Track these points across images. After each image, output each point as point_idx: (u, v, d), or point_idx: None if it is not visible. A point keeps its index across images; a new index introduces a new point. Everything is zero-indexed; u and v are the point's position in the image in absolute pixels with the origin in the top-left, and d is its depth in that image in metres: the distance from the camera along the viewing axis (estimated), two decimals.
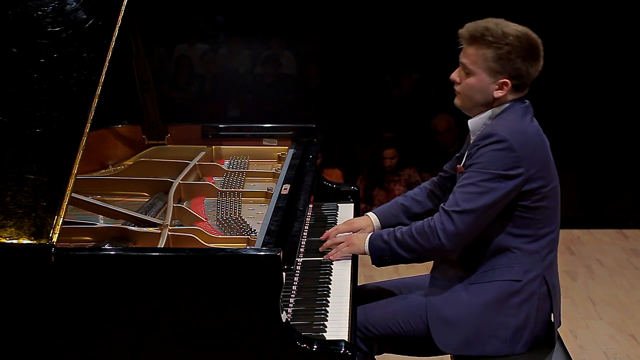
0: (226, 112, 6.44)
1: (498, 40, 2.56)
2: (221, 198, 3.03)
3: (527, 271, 2.59)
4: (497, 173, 2.51)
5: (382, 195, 6.24)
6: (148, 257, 2.19)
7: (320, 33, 6.37)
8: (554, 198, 2.65)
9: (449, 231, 2.53)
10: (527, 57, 2.58)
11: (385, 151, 6.20)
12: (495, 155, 2.52)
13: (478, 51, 2.59)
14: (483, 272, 2.62)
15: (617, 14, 6.11)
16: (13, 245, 2.16)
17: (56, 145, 2.34)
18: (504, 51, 2.56)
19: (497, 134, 2.53)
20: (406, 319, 2.66)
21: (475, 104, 2.65)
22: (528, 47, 2.59)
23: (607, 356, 4.08)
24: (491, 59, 2.57)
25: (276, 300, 2.17)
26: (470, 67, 2.61)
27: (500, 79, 2.59)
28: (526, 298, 2.59)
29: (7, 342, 2.21)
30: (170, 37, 6.40)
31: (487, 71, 2.59)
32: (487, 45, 2.57)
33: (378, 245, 2.68)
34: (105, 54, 2.52)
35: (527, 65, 2.59)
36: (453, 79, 2.69)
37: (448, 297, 2.63)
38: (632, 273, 5.20)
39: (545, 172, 2.60)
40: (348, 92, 6.38)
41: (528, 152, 2.54)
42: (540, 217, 2.60)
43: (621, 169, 6.34)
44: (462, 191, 2.55)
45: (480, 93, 2.62)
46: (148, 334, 2.20)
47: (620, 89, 6.15)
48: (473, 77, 2.62)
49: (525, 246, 2.60)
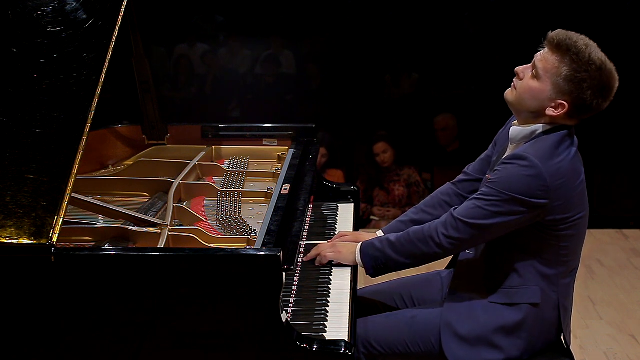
0: (228, 112, 6.44)
1: (580, 62, 2.43)
2: (221, 198, 3.03)
3: (544, 293, 2.54)
4: (519, 198, 2.42)
5: (382, 195, 6.24)
6: (148, 257, 2.19)
7: (320, 33, 6.38)
8: (582, 227, 2.57)
9: (452, 237, 2.50)
10: (598, 93, 2.46)
11: (374, 146, 6.20)
12: (522, 180, 2.42)
13: (557, 61, 2.45)
14: (503, 291, 2.56)
15: (617, 14, 6.11)
16: (13, 245, 2.16)
17: (56, 145, 2.34)
18: (580, 77, 2.43)
19: (529, 158, 2.43)
20: (415, 340, 2.62)
21: (525, 108, 2.52)
22: (605, 84, 2.47)
23: (607, 356, 4.08)
24: (564, 77, 2.44)
25: (276, 300, 2.17)
26: (541, 72, 2.47)
27: (561, 99, 2.47)
28: (540, 320, 2.56)
29: (7, 342, 2.21)
30: (170, 37, 6.40)
31: (554, 85, 2.46)
32: (570, 61, 2.44)
33: (371, 255, 2.63)
34: (105, 54, 2.52)
35: (594, 99, 2.46)
36: (517, 72, 2.54)
37: (465, 314, 2.58)
38: (632, 273, 5.20)
39: (573, 203, 2.50)
40: (348, 92, 6.38)
41: (557, 184, 2.44)
42: (566, 245, 2.53)
43: (621, 169, 6.34)
44: (477, 204, 2.47)
45: (535, 101, 2.49)
46: (148, 334, 2.20)
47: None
48: (537, 82, 2.48)
49: (546, 270, 2.54)
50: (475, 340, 2.55)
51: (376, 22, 6.25)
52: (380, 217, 6.20)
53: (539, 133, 2.52)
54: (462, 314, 2.59)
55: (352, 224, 3.25)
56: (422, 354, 2.62)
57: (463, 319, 2.58)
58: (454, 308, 2.61)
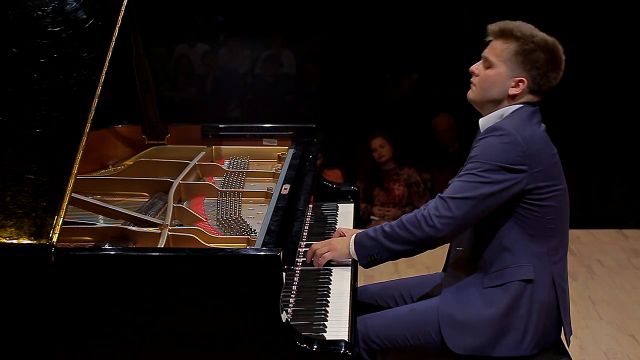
0: (228, 112, 6.44)
1: (526, 37, 2.58)
2: (221, 198, 3.03)
3: (537, 272, 2.58)
4: (500, 165, 2.50)
5: (382, 195, 6.24)
6: (148, 257, 2.19)
7: (320, 33, 6.38)
8: (564, 200, 2.63)
9: (444, 216, 2.51)
10: (549, 60, 2.59)
11: (371, 142, 6.20)
12: (500, 147, 2.52)
13: (504, 44, 2.60)
14: (495, 272, 2.59)
15: (617, 14, 6.11)
16: (13, 245, 2.16)
17: (56, 145, 2.34)
18: (529, 48, 2.57)
19: (503, 128, 2.54)
20: (415, 333, 2.63)
21: (489, 98, 2.64)
22: (553, 52, 2.60)
23: (607, 356, 4.08)
24: (514, 53, 2.58)
25: (276, 300, 2.17)
26: (493, 59, 2.61)
27: (518, 76, 2.59)
28: (536, 300, 2.58)
29: (8, 342, 2.21)
30: (170, 37, 6.41)
31: (508, 65, 2.59)
32: (515, 40, 2.59)
33: (365, 244, 2.63)
34: (105, 54, 2.52)
35: (547, 67, 2.59)
36: (472, 71, 2.68)
37: (462, 301, 2.60)
38: (632, 273, 5.20)
39: (552, 172, 2.59)
40: (348, 92, 6.39)
41: (534, 149, 2.53)
42: (550, 218, 2.58)
43: (621, 169, 6.34)
44: (460, 180, 2.54)
45: (495, 87, 2.62)
46: (148, 334, 2.20)
47: (620, 89, 6.15)
48: (492, 69, 2.62)
49: (534, 246, 2.58)
50: (475, 325, 2.56)
51: (376, 22, 6.25)
52: (380, 217, 6.20)
53: (507, 114, 2.62)
54: (459, 302, 2.60)
55: (352, 224, 3.25)
56: (422, 346, 2.63)
57: (460, 307, 2.59)
58: (451, 298, 2.62)
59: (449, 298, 2.63)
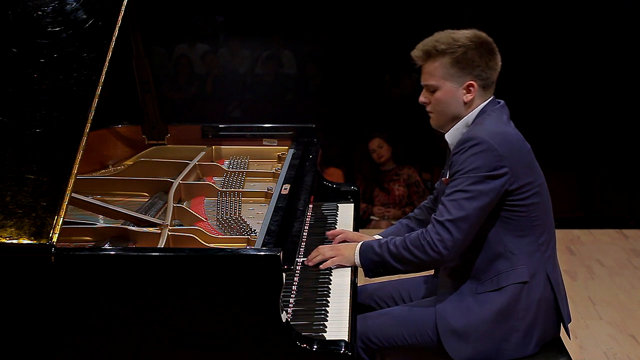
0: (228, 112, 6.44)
1: (450, 45, 2.60)
2: (221, 198, 3.03)
3: (531, 271, 2.58)
4: (483, 175, 2.51)
5: (383, 195, 6.24)
6: (148, 257, 2.19)
7: (320, 33, 6.38)
8: (544, 194, 2.65)
9: (447, 241, 2.52)
10: (483, 53, 2.61)
11: (369, 143, 6.20)
12: (477, 158, 2.51)
13: (435, 63, 2.62)
14: (489, 279, 2.59)
15: (617, 13, 6.12)
16: (13, 245, 2.16)
17: (56, 145, 2.34)
18: (459, 53, 2.59)
19: (475, 136, 2.54)
20: (413, 333, 2.63)
21: (450, 117, 2.66)
22: (480, 43, 2.61)
23: (607, 356, 4.08)
24: (450, 65, 2.60)
25: (276, 300, 2.17)
26: (433, 82, 2.63)
27: (465, 83, 2.61)
28: (533, 299, 2.58)
29: (7, 342, 2.21)
30: (170, 37, 6.41)
31: (450, 79, 2.61)
32: (442, 54, 2.60)
33: (370, 258, 2.66)
34: (105, 54, 2.52)
35: (485, 60, 2.61)
36: (422, 102, 2.70)
37: (458, 309, 2.60)
38: (632, 273, 5.20)
39: (531, 169, 2.60)
40: (348, 92, 6.39)
41: (508, 150, 2.54)
42: (536, 215, 2.60)
43: (621, 169, 6.35)
44: (451, 199, 2.54)
45: (451, 104, 2.63)
46: (148, 334, 2.20)
47: (620, 89, 6.15)
48: (439, 91, 2.63)
49: (525, 247, 2.59)
50: (475, 333, 2.56)
51: (376, 22, 6.25)
52: (380, 217, 6.20)
53: (472, 121, 2.63)
54: (456, 311, 2.60)
55: (352, 224, 3.25)
56: (420, 345, 2.63)
57: (458, 316, 2.59)
58: (448, 308, 2.62)
59: (446, 308, 2.62)
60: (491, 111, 2.63)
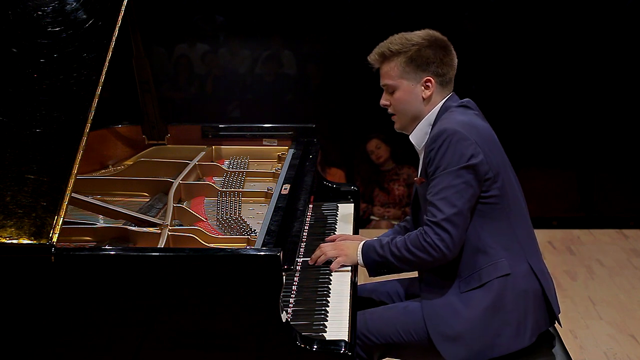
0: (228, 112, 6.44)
1: (404, 45, 2.67)
2: (221, 198, 3.03)
3: (512, 263, 2.59)
4: (463, 165, 2.53)
5: (383, 195, 6.24)
6: (148, 257, 2.19)
7: (320, 33, 6.38)
8: (516, 185, 2.69)
9: (447, 240, 2.53)
10: (437, 50, 2.66)
11: (367, 144, 6.20)
12: (454, 149, 2.54)
13: (390, 64, 2.69)
14: (470, 276, 2.60)
15: (617, 13, 6.12)
16: (13, 245, 2.16)
17: (56, 145, 2.34)
18: (413, 52, 2.65)
19: (446, 129, 2.57)
20: (407, 329, 2.64)
21: (411, 116, 2.71)
22: (434, 41, 2.68)
23: (607, 356, 4.08)
24: (405, 64, 2.66)
25: (276, 300, 2.17)
26: (391, 82, 2.70)
27: (422, 79, 2.66)
28: (519, 290, 2.59)
29: (7, 342, 2.21)
30: (170, 37, 6.41)
31: (407, 77, 2.67)
32: (396, 55, 2.67)
33: (374, 259, 2.67)
34: (105, 54, 2.52)
35: (440, 56, 2.66)
36: (383, 104, 2.75)
37: (445, 312, 2.60)
38: (632, 273, 5.20)
39: (500, 157, 2.64)
40: (348, 92, 6.38)
41: (479, 137, 2.58)
42: (508, 204, 2.61)
43: (621, 169, 6.34)
44: (440, 198, 2.55)
45: (411, 101, 2.69)
46: (148, 334, 2.20)
47: (620, 89, 6.15)
48: (398, 90, 2.69)
49: (503, 239, 2.60)
50: (466, 333, 2.56)
51: (376, 22, 6.25)
52: (380, 217, 6.20)
53: (434, 118, 2.67)
54: (443, 313, 2.60)
55: (352, 224, 3.25)
56: (415, 342, 2.64)
57: (446, 318, 2.59)
58: (434, 311, 2.62)
59: (433, 311, 2.62)
60: (454, 107, 2.67)
